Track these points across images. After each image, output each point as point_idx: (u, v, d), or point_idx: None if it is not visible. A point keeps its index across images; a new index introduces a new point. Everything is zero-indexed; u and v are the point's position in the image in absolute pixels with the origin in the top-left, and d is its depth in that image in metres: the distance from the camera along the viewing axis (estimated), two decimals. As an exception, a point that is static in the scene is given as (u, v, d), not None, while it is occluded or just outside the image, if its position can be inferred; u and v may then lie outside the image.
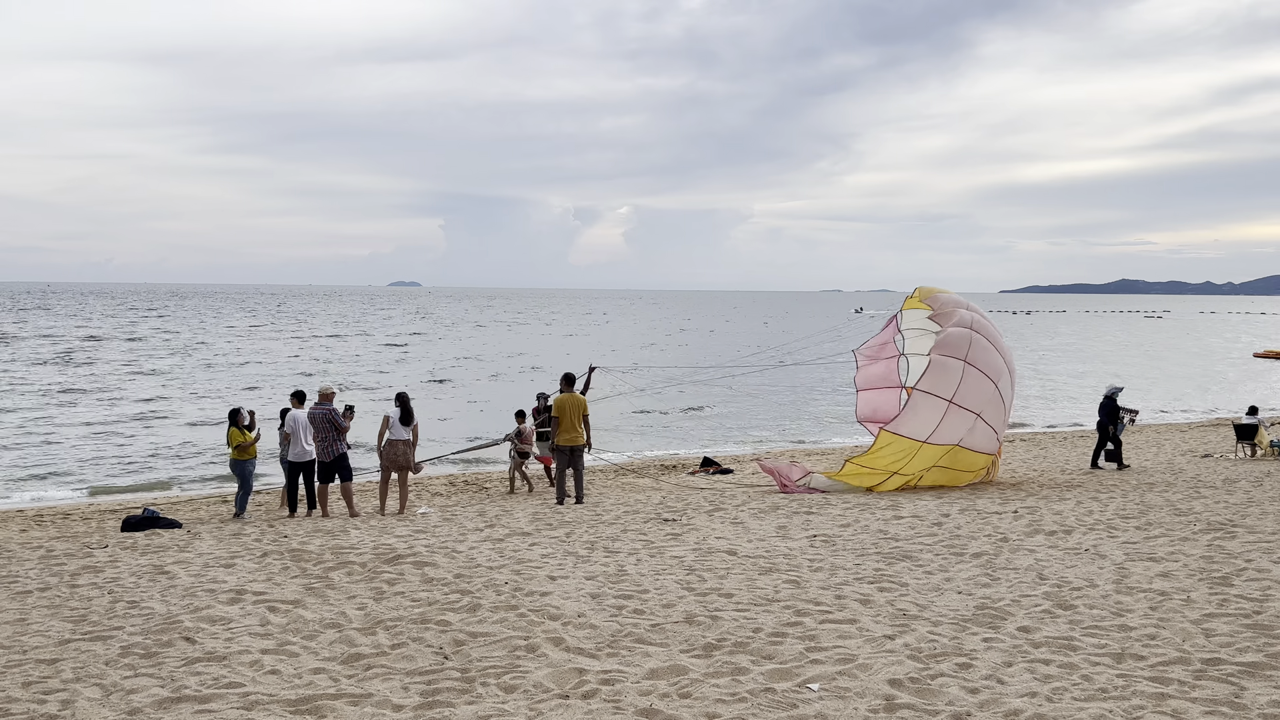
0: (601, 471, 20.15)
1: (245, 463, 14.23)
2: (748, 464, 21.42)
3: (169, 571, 9.06)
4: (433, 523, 12.10)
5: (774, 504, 13.23)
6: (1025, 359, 58.21)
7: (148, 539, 11.36)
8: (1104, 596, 7.75)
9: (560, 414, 14.01)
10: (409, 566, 9.06)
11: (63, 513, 15.87)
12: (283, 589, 8.28)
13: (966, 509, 12.39)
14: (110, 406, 31.17)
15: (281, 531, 11.55)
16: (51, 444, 24.15)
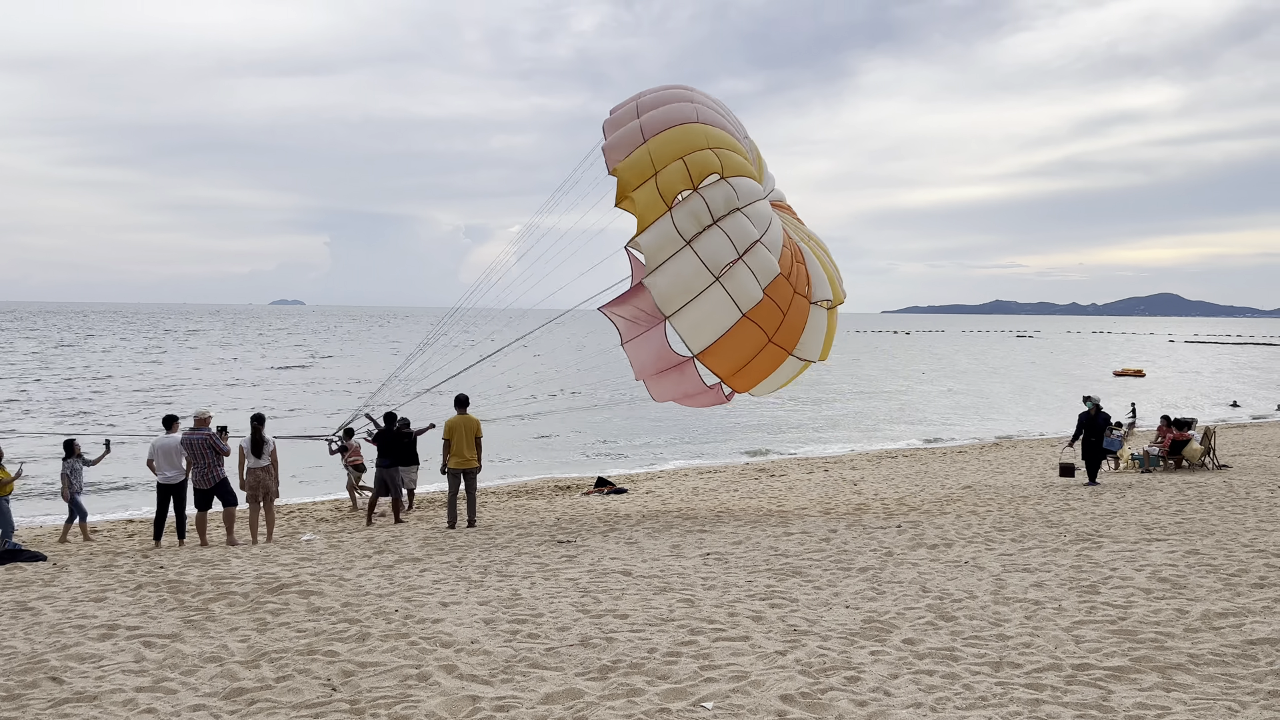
0: (494, 493, 19.95)
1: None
2: (642, 483, 21.52)
3: (33, 607, 8.55)
4: (318, 550, 11.76)
5: (668, 523, 13.32)
6: (926, 379, 60.26)
7: (9, 573, 10.69)
8: (983, 607, 8.06)
9: (453, 436, 13.81)
10: (294, 596, 8.78)
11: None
12: (159, 623, 7.91)
13: (853, 524, 12.72)
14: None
15: (157, 562, 11.04)
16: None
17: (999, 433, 33.57)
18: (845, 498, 16.63)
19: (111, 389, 44.08)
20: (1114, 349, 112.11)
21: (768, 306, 10.66)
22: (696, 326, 10.70)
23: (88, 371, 54.01)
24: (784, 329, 10.93)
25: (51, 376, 49.88)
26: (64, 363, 60.56)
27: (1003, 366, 75.65)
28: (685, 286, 10.45)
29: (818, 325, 11.24)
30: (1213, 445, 20.07)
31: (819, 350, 11.44)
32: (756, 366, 11.14)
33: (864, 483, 19.38)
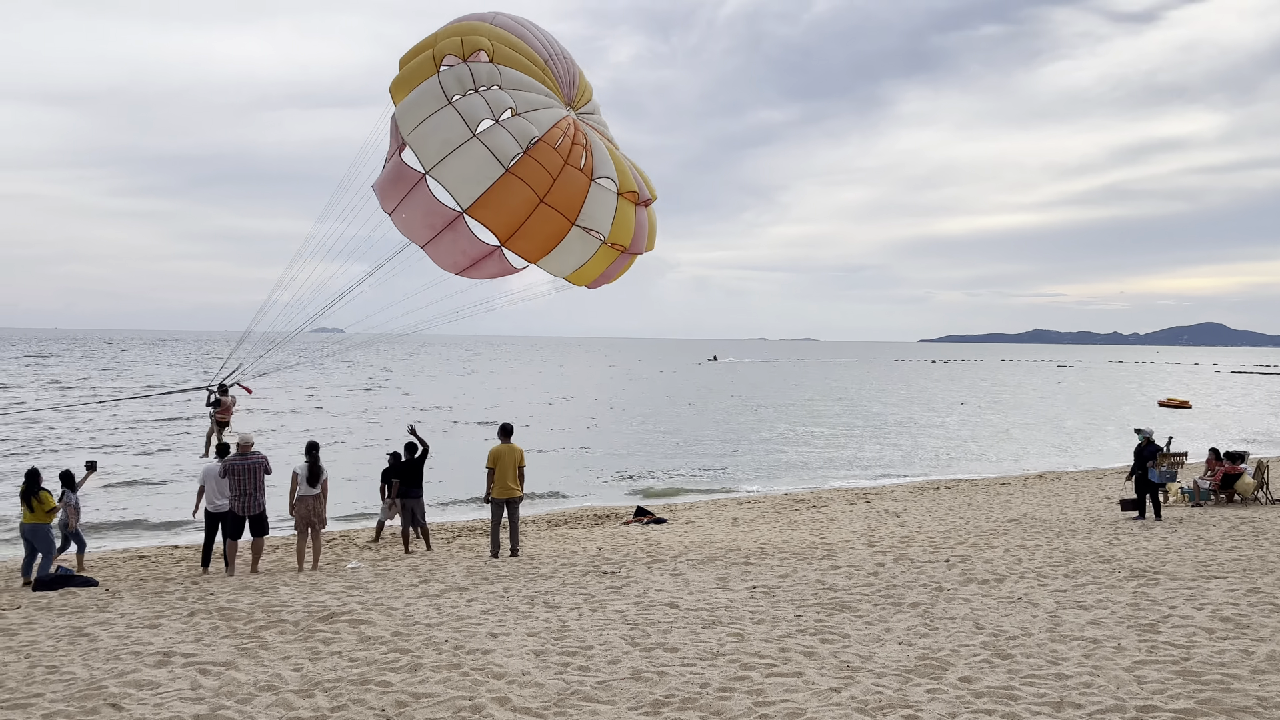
0: (534, 522, 19.96)
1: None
2: (681, 513, 21.43)
3: (89, 633, 8.67)
4: (364, 578, 11.82)
5: (711, 555, 13.25)
6: (968, 410, 59.61)
7: (63, 599, 10.86)
8: (1039, 645, 7.92)
9: (496, 465, 13.86)
10: (344, 625, 8.82)
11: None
12: (213, 650, 7.99)
13: (900, 558, 12.57)
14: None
15: (207, 589, 11.15)
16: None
17: (1042, 464, 33.09)
18: (889, 530, 16.45)
19: (144, 415, 44.75)
20: (1158, 379, 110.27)
21: (533, 167, 10.23)
22: (461, 180, 10.24)
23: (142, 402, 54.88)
24: (557, 194, 10.44)
25: (96, 402, 50.75)
26: (107, 387, 61.62)
27: (1044, 396, 74.66)
28: (444, 139, 10.16)
29: (604, 202, 10.86)
30: (1266, 479, 19.63)
31: (609, 228, 11.01)
32: (536, 230, 10.59)
33: (907, 515, 19.17)
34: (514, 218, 10.32)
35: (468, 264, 11.11)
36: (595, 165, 10.74)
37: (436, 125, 10.11)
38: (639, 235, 11.55)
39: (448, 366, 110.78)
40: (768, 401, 62.78)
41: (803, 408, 57.90)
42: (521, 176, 10.14)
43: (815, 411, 55.09)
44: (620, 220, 11.05)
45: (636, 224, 11.41)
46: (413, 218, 10.76)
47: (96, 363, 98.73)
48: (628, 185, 11.13)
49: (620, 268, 11.86)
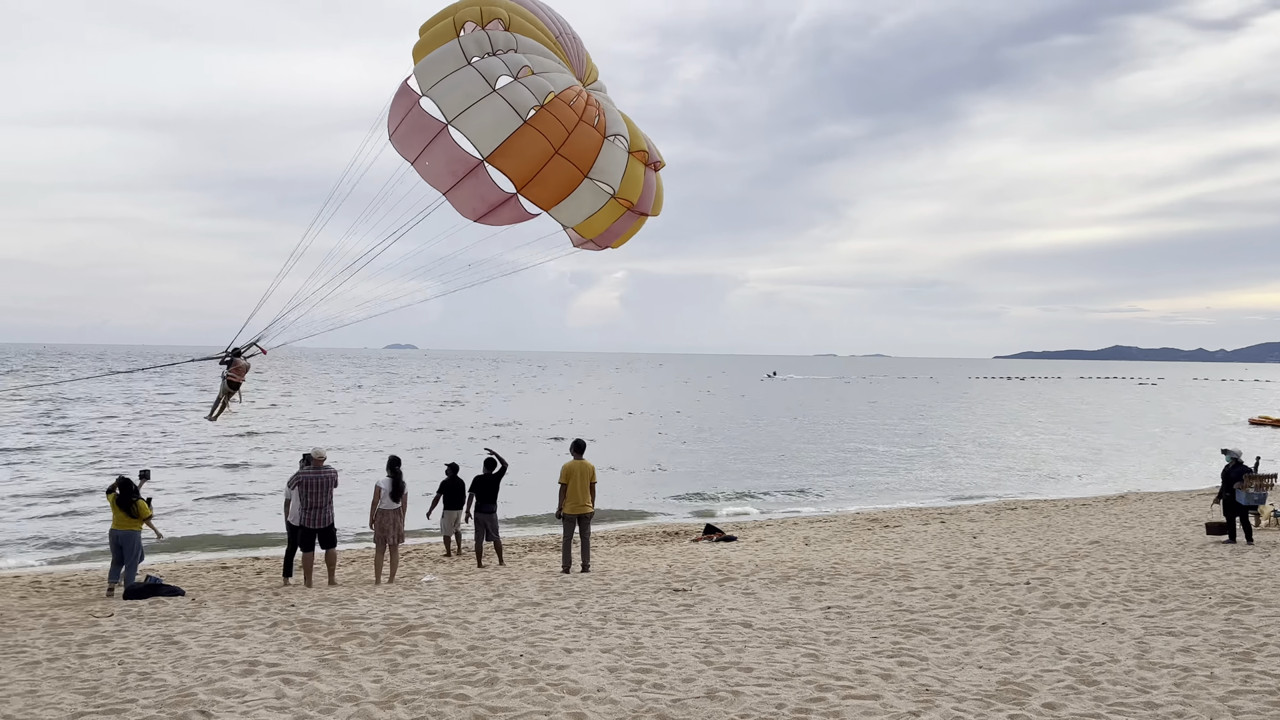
0: (603, 538, 20.03)
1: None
2: (751, 531, 21.31)
3: (178, 641, 8.95)
4: (439, 591, 11.99)
5: (784, 574, 13.14)
6: (1044, 424, 58.27)
7: (152, 607, 11.23)
8: (1126, 672, 7.69)
9: (569, 480, 13.96)
10: (422, 637, 8.96)
11: (61, 579, 15.68)
12: (296, 660, 8.18)
13: (978, 580, 12.32)
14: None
15: (288, 600, 11.43)
16: (35, 504, 23.95)
17: (1124, 485, 32.12)
18: (966, 551, 16.13)
19: (229, 429, 46.03)
20: (1247, 397, 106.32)
21: (549, 120, 10.72)
22: (482, 130, 10.74)
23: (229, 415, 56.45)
24: (571, 146, 10.90)
25: (189, 419, 52.42)
26: (203, 402, 63.53)
27: (1125, 415, 72.52)
28: (466, 93, 10.67)
29: (615, 158, 11.37)
30: (1367, 503, 18.77)
31: (619, 182, 11.48)
32: (550, 179, 11.02)
33: (984, 536, 18.78)
34: (531, 166, 10.83)
35: (486, 210, 11.53)
36: (608, 124, 11.25)
37: (458, 81, 10.68)
38: (646, 195, 11.96)
39: (521, 383, 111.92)
40: (837, 419, 62.11)
41: (873, 425, 57.15)
42: (538, 128, 10.65)
43: (887, 429, 54.33)
44: (630, 176, 11.52)
45: (645, 183, 11.86)
46: (436, 165, 11.25)
47: (178, 377, 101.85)
48: (638, 145, 11.62)
49: (626, 227, 12.14)
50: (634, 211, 11.89)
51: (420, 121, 11.02)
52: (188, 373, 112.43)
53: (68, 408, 56.37)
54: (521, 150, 10.68)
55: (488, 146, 10.68)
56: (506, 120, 10.52)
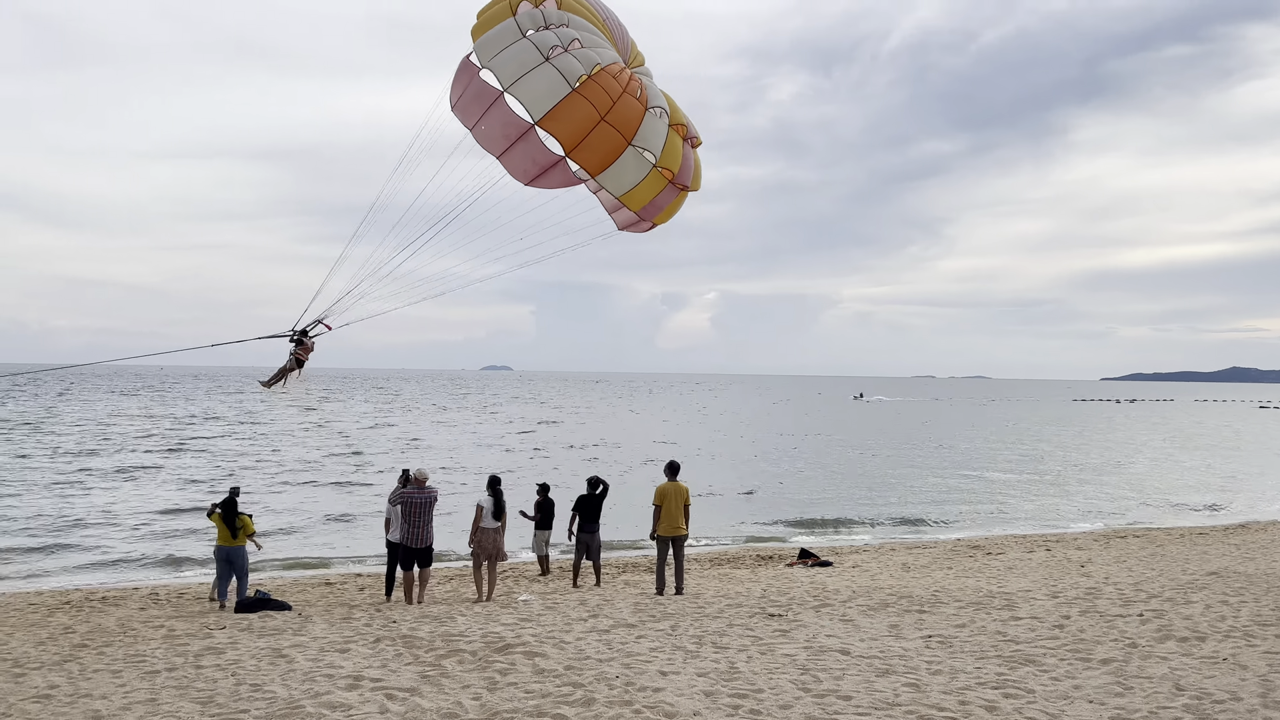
0: (695, 560, 19.96)
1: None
2: (847, 556, 20.96)
3: (287, 655, 9.24)
4: (536, 611, 12.12)
5: (882, 601, 12.89)
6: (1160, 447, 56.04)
7: (261, 621, 11.63)
8: (1250, 711, 7.31)
9: (663, 502, 13.98)
10: (519, 656, 9.07)
11: (176, 592, 16.35)
12: (398, 676, 8.37)
13: (1087, 610, 11.87)
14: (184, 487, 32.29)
15: (390, 617, 11.70)
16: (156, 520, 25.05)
17: (1245, 514, 30.56)
18: (1073, 580, 15.56)
19: (333, 448, 47.43)
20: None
21: (595, 89, 11.34)
22: (534, 96, 11.38)
23: (330, 435, 58.33)
24: (616, 114, 11.47)
25: (316, 438, 54.27)
26: (310, 422, 65.74)
27: (1245, 440, 69.05)
28: (520, 62, 11.35)
29: (656, 128, 11.84)
30: None
31: (660, 151, 11.98)
32: (597, 144, 11.58)
33: (1092, 564, 18.09)
34: (578, 130, 11.43)
35: (537, 172, 12.16)
36: (650, 97, 11.82)
37: (514, 52, 11.40)
38: (685, 167, 12.39)
39: (613, 404, 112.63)
40: (934, 442, 60.73)
41: (972, 448, 55.68)
42: (585, 95, 11.30)
43: (987, 452, 52.88)
44: (670, 147, 12.01)
45: (684, 156, 12.31)
46: (491, 130, 11.93)
47: (280, 400, 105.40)
48: (678, 118, 12.16)
49: (669, 200, 12.53)
50: (675, 185, 12.36)
51: (479, 90, 11.76)
52: (298, 397, 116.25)
53: (186, 427, 58.94)
54: (570, 115, 11.31)
55: (539, 111, 11.35)
56: (556, 87, 11.20)
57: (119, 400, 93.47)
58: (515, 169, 12.11)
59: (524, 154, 11.90)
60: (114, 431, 54.18)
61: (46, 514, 25.82)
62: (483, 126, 11.89)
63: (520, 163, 12.01)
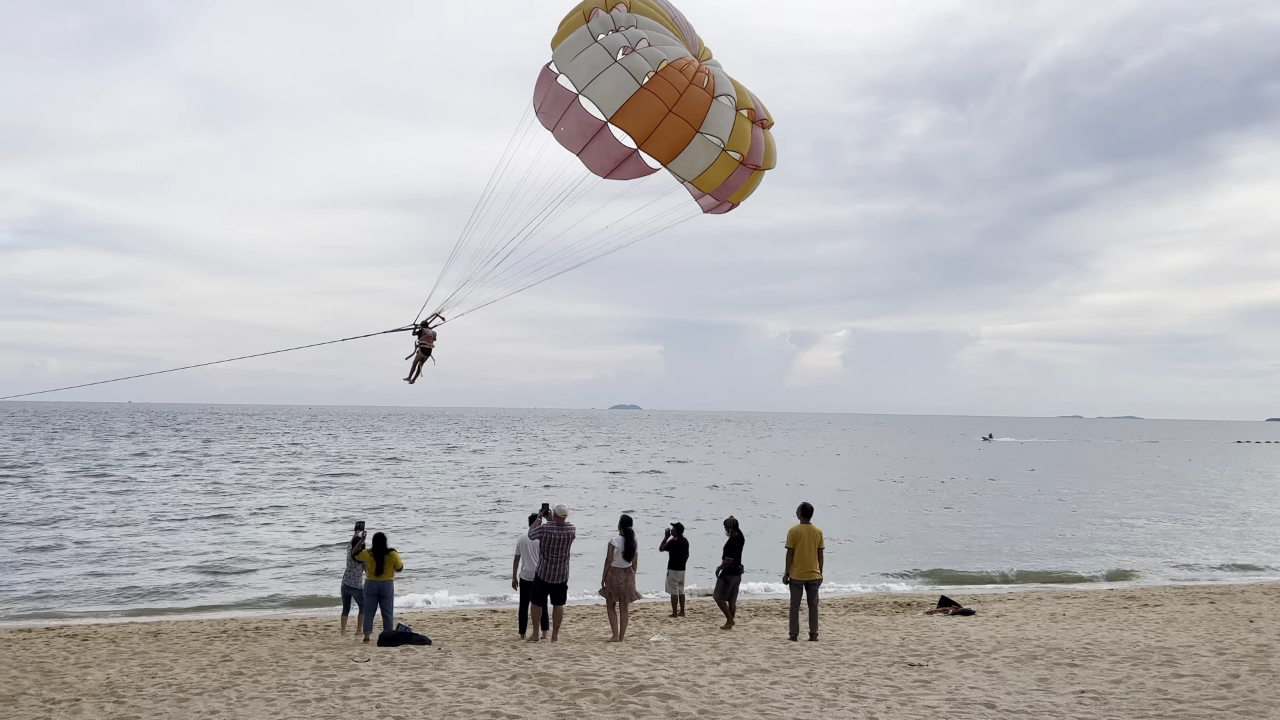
0: (830, 605, 19.52)
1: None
2: (990, 604, 20.12)
3: (428, 689, 9.49)
4: (668, 652, 12.08)
5: (1029, 652, 12.31)
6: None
7: (404, 654, 11.98)
8: None
9: (796, 545, 13.77)
10: (653, 698, 9.05)
11: (324, 624, 17.02)
12: (534, 713, 8.47)
13: (1258, 669, 11.03)
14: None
15: (525, 654, 11.87)
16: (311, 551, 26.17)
17: None
18: (1241, 636, 14.50)
19: (474, 487, 48.62)
20: None
21: (662, 84, 11.93)
22: (605, 95, 12.05)
23: (470, 473, 59.96)
24: (683, 105, 11.99)
25: (461, 473, 55.99)
26: (449, 461, 67.79)
27: None
28: (592, 65, 12.05)
29: (723, 115, 12.26)
30: None
31: (728, 135, 12.34)
32: (666, 135, 12.13)
33: (1263, 619, 16.81)
34: (648, 123, 12.01)
35: (613, 166, 12.82)
36: (716, 86, 12.27)
37: (586, 57, 12.14)
38: (756, 148, 12.70)
39: (743, 444, 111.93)
40: (1082, 485, 57.85)
41: (1124, 492, 52.77)
42: (653, 91, 11.90)
43: (1140, 496, 50.02)
44: (738, 130, 12.36)
45: (754, 137, 12.63)
46: (570, 130, 12.66)
47: (421, 439, 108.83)
48: (745, 103, 12.60)
49: (742, 180, 12.91)
50: (746, 166, 12.73)
51: (557, 94, 12.58)
52: (440, 436, 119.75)
53: (335, 464, 61.62)
54: (639, 110, 11.95)
55: (610, 109, 12.08)
56: (625, 85, 11.86)
57: (271, 438, 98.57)
58: (593, 164, 12.90)
59: (599, 150, 12.66)
60: (267, 468, 57.11)
61: (206, 547, 27.38)
62: (562, 127, 12.71)
63: (597, 158, 12.78)
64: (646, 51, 12.08)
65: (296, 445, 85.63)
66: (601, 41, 12.15)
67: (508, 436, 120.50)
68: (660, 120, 12.02)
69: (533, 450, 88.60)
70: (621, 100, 11.97)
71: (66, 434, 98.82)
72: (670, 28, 12.77)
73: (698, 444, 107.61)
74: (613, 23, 12.34)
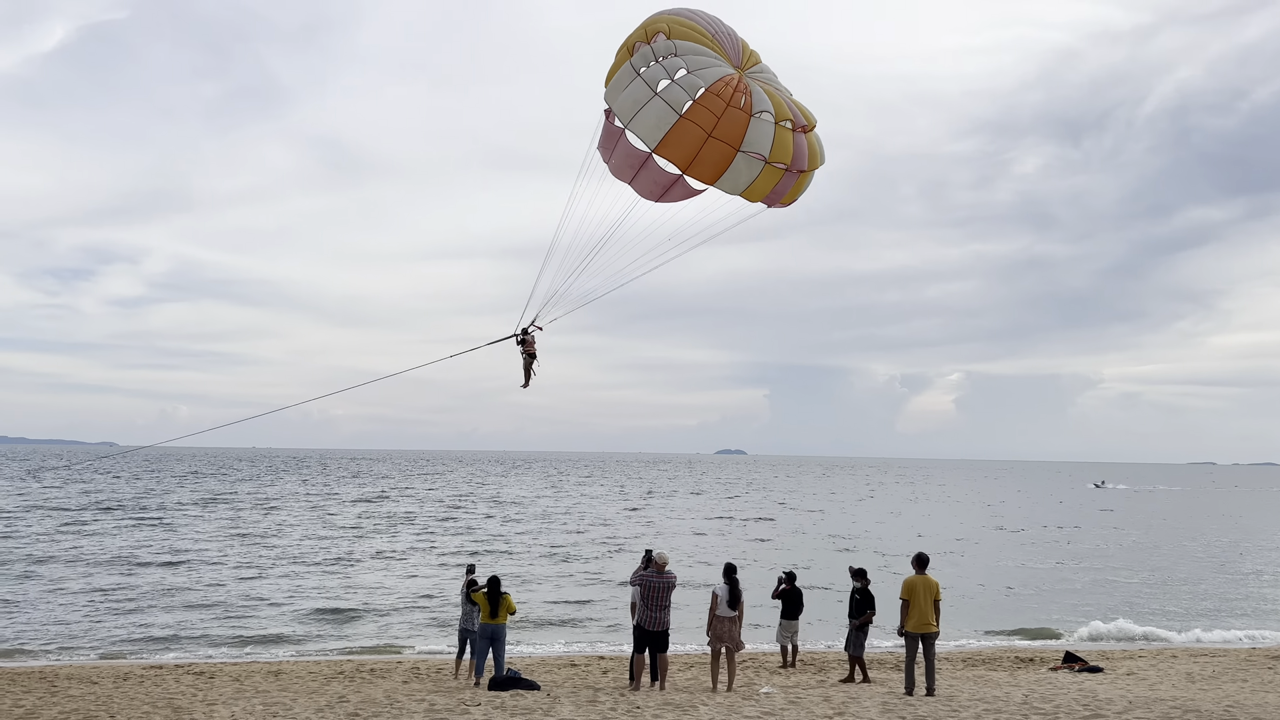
0: (946, 659, 18.84)
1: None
2: (1119, 661, 19.10)
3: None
4: (778, 704, 11.84)
5: (1164, 714, 11.62)
6: None
7: (514, 699, 12.04)
8: None
9: (912, 596, 13.37)
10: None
11: (435, 667, 17.28)
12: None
13: None
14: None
15: (634, 701, 11.80)
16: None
17: None
18: (1405, 703, 13.38)
19: (566, 530, 48.85)
20: None
21: (700, 111, 12.53)
22: (647, 128, 12.76)
23: (583, 518, 60.39)
24: (721, 128, 12.54)
25: (562, 514, 56.58)
26: (559, 506, 68.46)
27: None
28: (634, 100, 12.77)
29: (762, 131, 12.76)
30: None
31: (769, 150, 12.80)
32: (707, 159, 12.74)
33: None
34: (689, 151, 12.69)
35: (660, 192, 13.48)
36: (754, 104, 12.76)
37: (629, 93, 12.83)
38: (799, 155, 13.21)
39: (854, 489, 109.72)
40: (1215, 534, 54.62)
41: (1264, 545, 49.58)
42: (692, 119, 12.53)
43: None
44: (779, 143, 12.87)
45: (795, 146, 13.13)
46: (620, 163, 13.40)
47: (532, 483, 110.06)
48: (784, 115, 13.03)
49: (790, 185, 13.43)
50: (791, 171, 13.23)
51: (609, 130, 13.45)
52: (550, 479, 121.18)
53: (451, 509, 62.88)
54: (680, 140, 12.64)
55: (652, 141, 12.79)
56: (665, 118, 12.58)
57: (389, 482, 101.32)
58: (643, 191, 13.66)
59: (647, 179, 13.39)
60: (381, 512, 58.65)
61: (325, 589, 28.21)
62: (613, 161, 13.55)
63: (646, 186, 13.53)
64: (685, 80, 12.68)
65: (411, 489, 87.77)
66: (643, 75, 12.83)
67: (615, 481, 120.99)
68: (700, 146, 12.68)
69: (638, 494, 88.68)
70: (662, 132, 12.67)
71: (195, 477, 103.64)
72: (711, 46, 13.30)
73: (806, 490, 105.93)
74: (653, 54, 13.04)
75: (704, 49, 13.24)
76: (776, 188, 13.31)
